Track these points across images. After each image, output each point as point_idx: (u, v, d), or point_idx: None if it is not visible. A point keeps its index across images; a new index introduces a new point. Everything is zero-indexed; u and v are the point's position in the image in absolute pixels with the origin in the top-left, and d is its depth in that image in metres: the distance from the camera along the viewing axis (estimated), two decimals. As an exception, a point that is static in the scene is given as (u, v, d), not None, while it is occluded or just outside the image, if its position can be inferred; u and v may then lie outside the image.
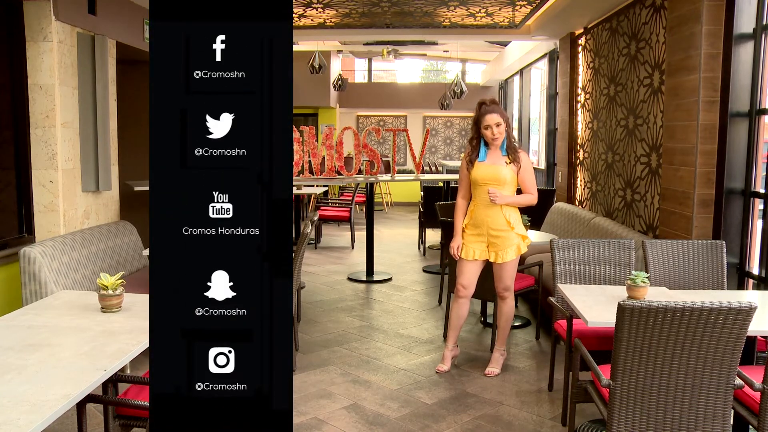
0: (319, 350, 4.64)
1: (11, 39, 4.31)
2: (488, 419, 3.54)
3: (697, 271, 3.73)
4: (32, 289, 3.99)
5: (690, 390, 2.47)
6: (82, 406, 2.53)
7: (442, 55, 13.64)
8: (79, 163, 4.74)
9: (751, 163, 3.97)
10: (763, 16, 3.88)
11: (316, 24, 7.74)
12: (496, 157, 4.00)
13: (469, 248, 4.08)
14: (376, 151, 6.53)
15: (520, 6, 6.61)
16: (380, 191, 13.72)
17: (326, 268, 7.56)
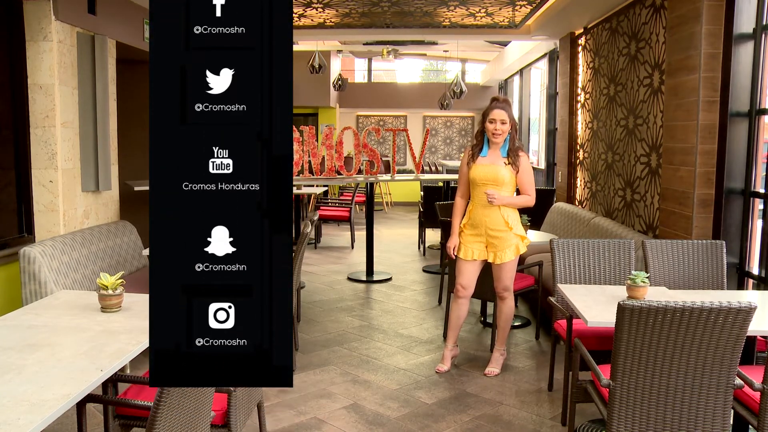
0: (319, 350, 4.64)
1: (11, 39, 4.31)
2: (488, 419, 3.54)
3: (697, 271, 3.73)
4: (32, 288, 3.99)
5: (690, 390, 2.47)
6: (81, 406, 2.53)
7: (442, 55, 13.64)
8: (79, 162, 4.74)
9: (751, 163, 3.97)
10: (763, 16, 3.88)
11: (316, 24, 7.74)
12: (496, 157, 4.00)
13: (468, 248, 4.08)
14: (376, 151, 6.53)
15: (520, 6, 6.60)
16: (380, 191, 13.72)
17: (326, 267, 7.56)
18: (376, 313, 5.68)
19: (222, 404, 2.51)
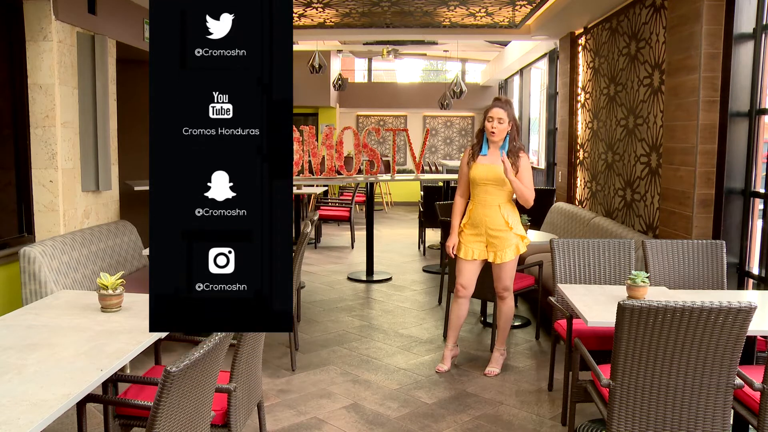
0: (319, 350, 4.64)
1: (11, 39, 4.31)
2: (488, 419, 3.54)
3: (697, 271, 3.73)
4: (32, 288, 3.99)
5: (690, 390, 2.47)
6: (82, 406, 2.53)
7: (442, 55, 13.63)
8: (79, 162, 4.74)
9: (751, 163, 3.97)
10: (763, 16, 3.88)
11: (316, 24, 7.74)
12: (496, 156, 4.00)
13: (468, 248, 4.08)
14: (376, 151, 6.53)
15: (520, 6, 6.60)
16: (380, 191, 13.72)
17: (326, 267, 7.56)
18: (376, 313, 5.68)
19: (222, 404, 2.51)
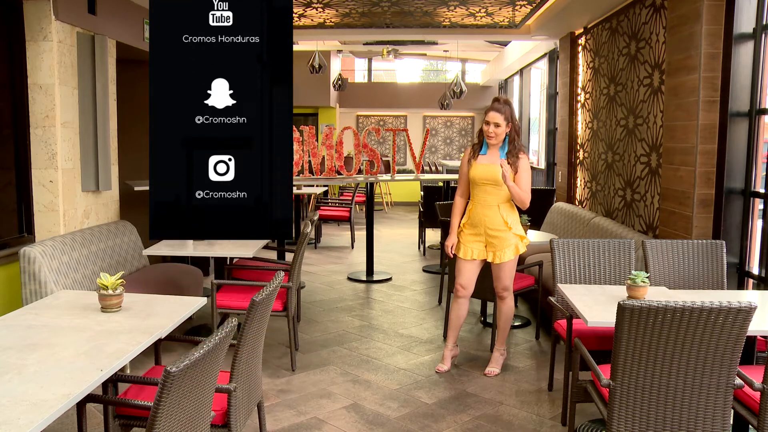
0: (319, 350, 4.64)
1: (11, 39, 4.31)
2: (488, 419, 3.54)
3: (697, 271, 3.73)
4: (32, 288, 3.99)
5: (690, 390, 2.47)
6: (82, 406, 2.53)
7: (442, 55, 13.63)
8: (79, 162, 4.73)
9: (751, 163, 3.97)
10: (763, 16, 3.88)
11: (316, 24, 7.74)
12: (496, 156, 4.00)
13: (467, 248, 4.08)
14: (376, 151, 6.53)
15: (520, 6, 6.60)
16: (380, 191, 13.72)
17: (326, 267, 7.56)
18: (376, 313, 5.68)
19: (222, 404, 2.51)
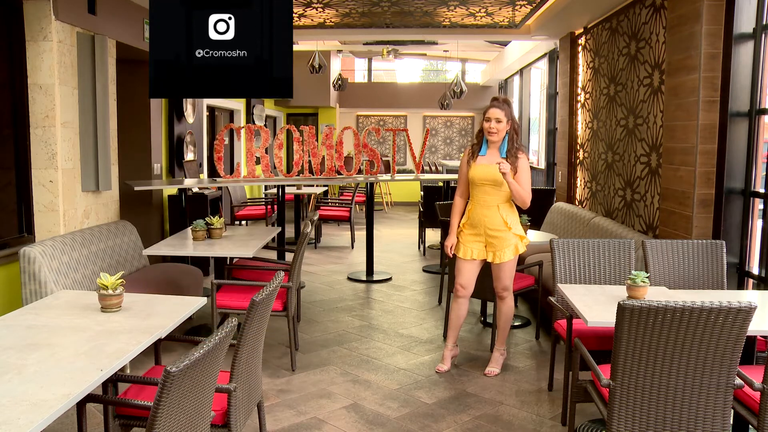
0: (319, 350, 4.64)
1: (11, 39, 4.31)
2: (488, 419, 3.54)
3: (697, 271, 3.73)
4: (32, 288, 3.99)
5: (690, 390, 2.47)
6: (81, 406, 2.53)
7: (442, 55, 13.63)
8: (79, 162, 4.73)
9: (751, 163, 3.97)
10: (763, 16, 3.88)
11: (316, 24, 7.74)
12: (495, 157, 4.00)
13: (467, 248, 4.08)
14: (376, 151, 6.53)
15: (520, 6, 6.60)
16: (380, 191, 13.72)
17: (326, 267, 7.56)
18: (376, 313, 5.68)
19: (222, 404, 2.51)
